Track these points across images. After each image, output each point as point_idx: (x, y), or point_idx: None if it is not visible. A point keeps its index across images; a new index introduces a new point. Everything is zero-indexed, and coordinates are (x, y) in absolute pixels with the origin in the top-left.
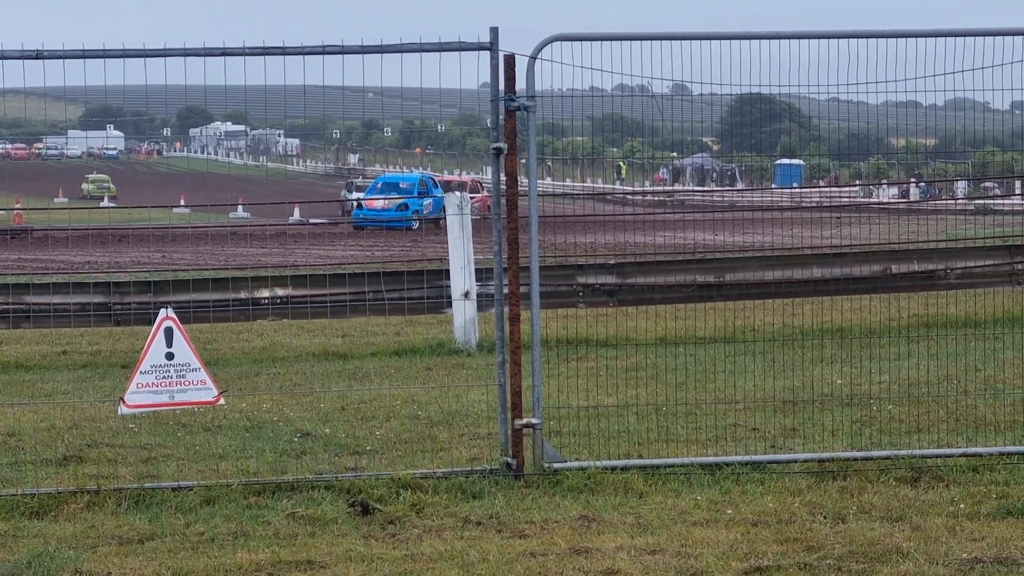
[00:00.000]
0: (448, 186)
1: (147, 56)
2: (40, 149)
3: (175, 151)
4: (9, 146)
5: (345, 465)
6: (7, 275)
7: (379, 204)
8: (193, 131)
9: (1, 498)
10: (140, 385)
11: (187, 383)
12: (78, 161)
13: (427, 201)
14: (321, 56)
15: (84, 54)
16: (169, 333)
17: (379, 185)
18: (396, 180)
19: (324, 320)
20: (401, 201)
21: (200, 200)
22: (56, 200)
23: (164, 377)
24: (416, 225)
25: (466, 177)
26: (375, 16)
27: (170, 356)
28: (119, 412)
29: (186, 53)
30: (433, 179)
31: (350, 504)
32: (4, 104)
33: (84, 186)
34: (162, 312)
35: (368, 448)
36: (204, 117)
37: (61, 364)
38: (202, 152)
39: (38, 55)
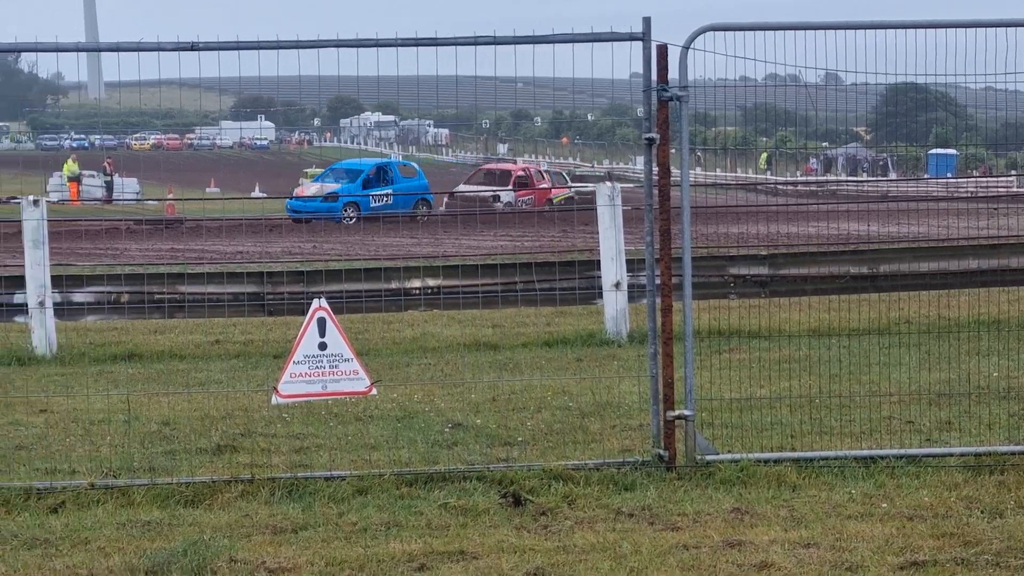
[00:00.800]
0: (495, 174)
1: (300, 47)
2: (192, 139)
3: (325, 141)
4: (162, 136)
5: (497, 456)
6: (161, 265)
7: (310, 192)
8: (343, 121)
9: (157, 486)
10: (293, 375)
11: (339, 373)
12: (229, 151)
13: (386, 191)
14: (473, 47)
15: (238, 45)
16: (322, 323)
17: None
18: (350, 166)
19: (474, 311)
20: (331, 191)
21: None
22: (208, 190)
23: (317, 367)
24: (350, 220)
25: (517, 165)
26: (519, 4)
27: (323, 346)
28: (272, 402)
29: (339, 44)
30: (402, 165)
31: (502, 495)
32: (160, 95)
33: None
34: (315, 302)
35: (519, 439)
36: (354, 107)
37: (214, 354)
38: (352, 142)
39: (193, 47)
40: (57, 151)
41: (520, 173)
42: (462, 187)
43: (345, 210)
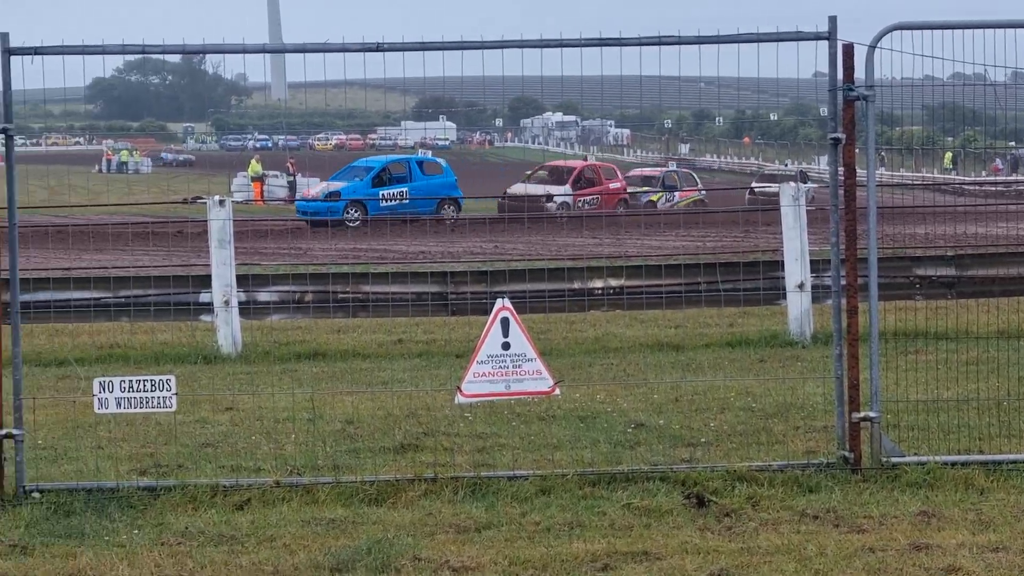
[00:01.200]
0: (557, 171)
1: (485, 48)
2: (374, 139)
3: (506, 141)
4: (344, 136)
5: (680, 456)
6: (344, 264)
7: (313, 193)
8: (524, 121)
9: (341, 485)
10: (477, 375)
11: (523, 373)
12: (410, 151)
13: (399, 189)
14: (657, 47)
15: (423, 46)
16: (505, 323)
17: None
18: (368, 164)
19: (656, 311)
20: (333, 190)
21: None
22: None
23: (500, 367)
24: (353, 222)
25: (583, 163)
26: (691, 3)
27: (506, 346)
28: (456, 401)
29: (523, 44)
30: (428, 162)
31: (685, 496)
32: (345, 95)
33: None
34: (499, 302)
35: (702, 440)
36: (535, 108)
37: (397, 353)
38: (533, 142)
39: (379, 47)
40: (241, 151)
41: (584, 170)
42: (519, 186)
43: (347, 211)
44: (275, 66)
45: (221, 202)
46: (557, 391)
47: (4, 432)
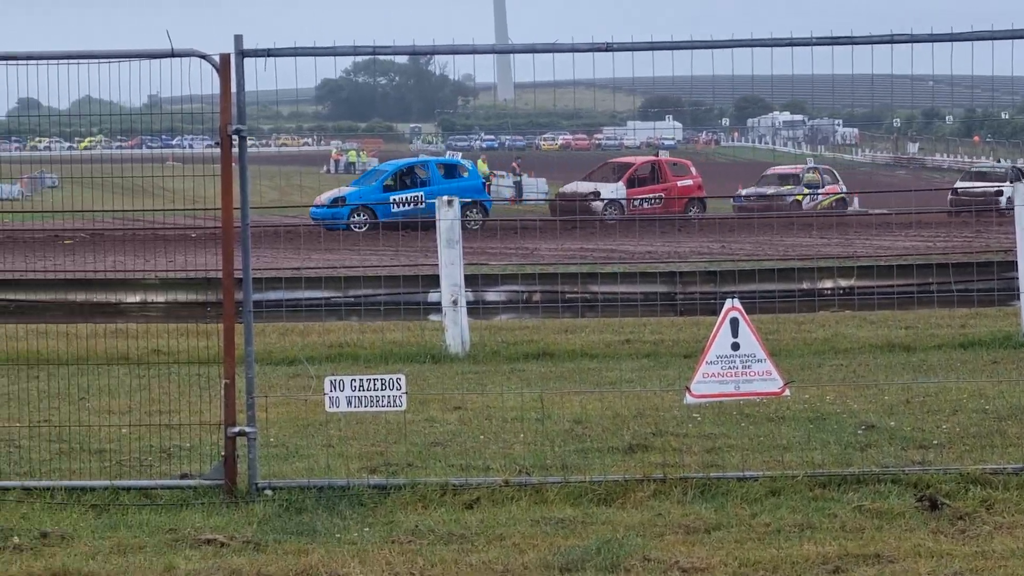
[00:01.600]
0: (622, 168)
1: (714, 47)
2: (600, 139)
3: (732, 141)
4: (570, 136)
5: (911, 459)
6: (571, 264)
7: (323, 199)
8: (751, 121)
9: (569, 484)
10: (706, 375)
11: (752, 373)
12: (635, 151)
13: (415, 193)
14: (889, 45)
15: (652, 46)
16: (735, 323)
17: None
18: (384, 168)
19: (886, 311)
20: (340, 195)
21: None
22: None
23: (729, 367)
24: (360, 228)
25: (643, 159)
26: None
27: (735, 346)
28: (685, 401)
29: (753, 44)
30: (450, 164)
31: (918, 498)
32: (574, 95)
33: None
34: (728, 302)
35: (935, 442)
36: (762, 107)
37: (624, 353)
38: (759, 142)
39: (608, 47)
40: (467, 152)
41: (643, 166)
42: (571, 185)
43: (352, 216)
44: (501, 66)
45: (449, 202)
46: (787, 392)
47: (237, 430)
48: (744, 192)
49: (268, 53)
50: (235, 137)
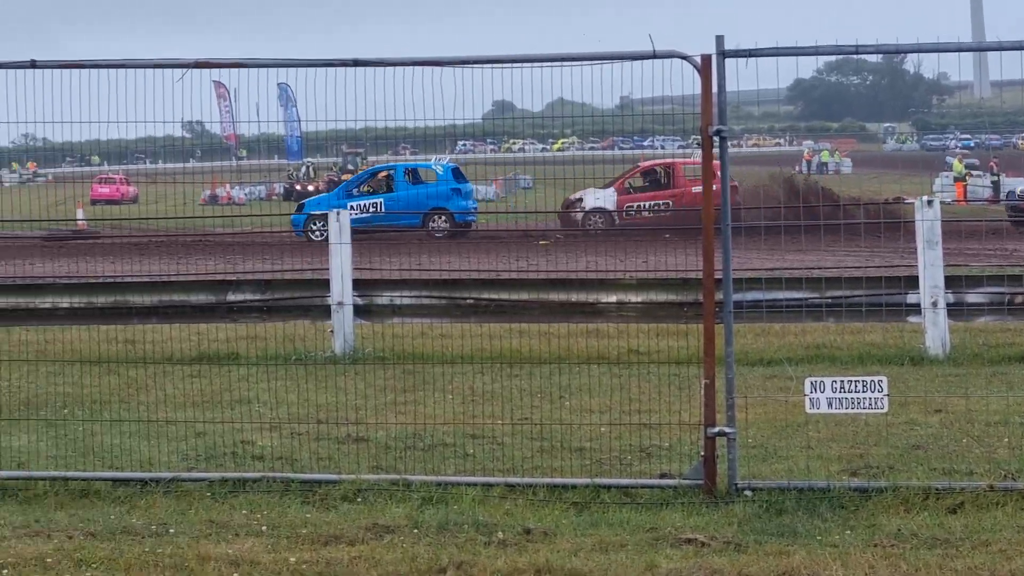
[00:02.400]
0: (648, 170)
1: None
2: None
3: None
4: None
5: None
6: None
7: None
8: None
9: None
10: None
11: None
12: None
13: (373, 200)
14: None
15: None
16: None
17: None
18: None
19: None
20: (304, 202)
21: None
22: None
23: None
24: (318, 236)
25: (654, 161)
26: None
27: None
28: None
29: None
30: (414, 169)
31: None
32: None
33: None
34: None
35: None
36: None
37: None
38: None
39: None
40: (941, 151)
41: (647, 171)
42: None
43: (309, 224)
44: (977, 64)
45: (929, 203)
46: None
47: (717, 430)
48: None
49: (750, 53)
50: (715, 138)
